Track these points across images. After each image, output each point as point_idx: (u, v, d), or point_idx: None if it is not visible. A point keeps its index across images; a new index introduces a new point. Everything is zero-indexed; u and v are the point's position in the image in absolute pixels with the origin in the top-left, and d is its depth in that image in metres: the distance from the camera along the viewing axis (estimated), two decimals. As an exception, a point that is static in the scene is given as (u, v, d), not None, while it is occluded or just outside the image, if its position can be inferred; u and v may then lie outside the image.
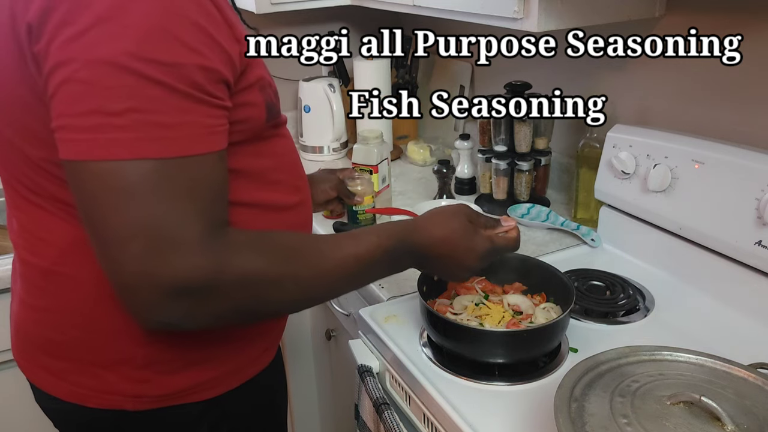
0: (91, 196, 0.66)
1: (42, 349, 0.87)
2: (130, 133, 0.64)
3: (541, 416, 0.87)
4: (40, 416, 1.62)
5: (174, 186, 0.66)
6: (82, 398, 0.86)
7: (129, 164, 0.64)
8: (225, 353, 0.88)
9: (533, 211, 1.49)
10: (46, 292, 0.84)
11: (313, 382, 1.89)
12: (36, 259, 0.83)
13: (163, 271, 0.66)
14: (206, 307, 0.71)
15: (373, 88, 1.84)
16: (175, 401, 0.86)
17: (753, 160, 1.04)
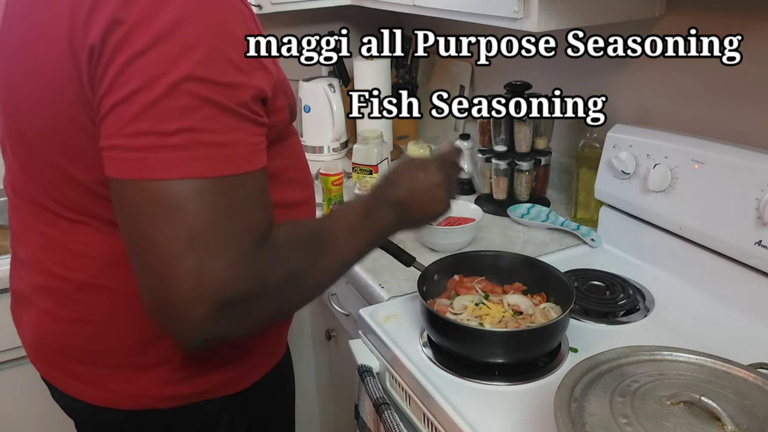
0: (140, 214, 0.66)
1: (74, 358, 0.88)
2: (182, 152, 0.65)
3: (541, 416, 0.87)
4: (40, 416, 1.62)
5: (223, 203, 0.67)
6: (116, 402, 0.88)
7: (180, 183, 0.65)
8: (251, 348, 0.91)
9: (533, 211, 1.49)
10: (82, 304, 0.85)
11: (313, 382, 1.89)
12: (71, 273, 0.84)
13: (214, 285, 0.66)
14: (252, 315, 0.72)
15: (373, 88, 1.84)
16: (205, 397, 0.89)
17: (753, 160, 1.04)
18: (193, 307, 0.66)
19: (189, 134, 0.65)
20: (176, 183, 0.65)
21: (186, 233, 0.65)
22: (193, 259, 0.65)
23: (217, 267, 0.66)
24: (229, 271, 0.67)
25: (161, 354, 0.85)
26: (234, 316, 0.69)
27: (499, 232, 1.45)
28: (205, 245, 0.66)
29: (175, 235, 0.65)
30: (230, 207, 0.68)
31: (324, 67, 2.05)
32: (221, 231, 0.67)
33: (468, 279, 1.11)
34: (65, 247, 0.84)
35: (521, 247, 1.36)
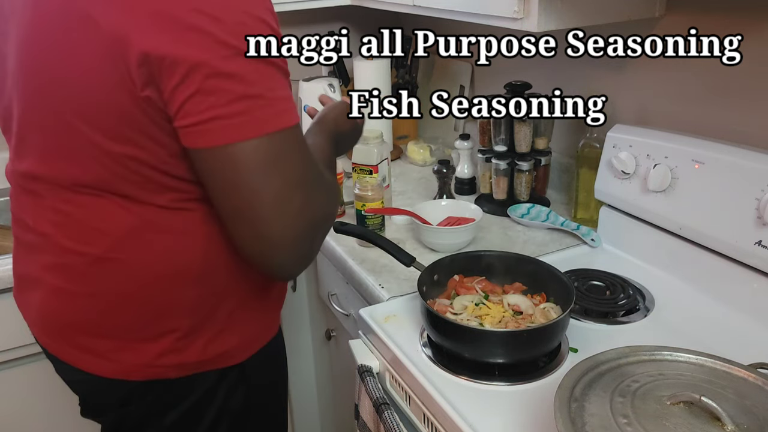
0: (248, 171, 0.76)
1: (85, 332, 0.92)
2: (271, 108, 0.77)
3: (541, 416, 0.87)
4: (40, 416, 1.62)
5: (304, 148, 0.82)
6: (125, 373, 0.93)
7: (277, 135, 0.77)
8: (250, 320, 0.99)
9: (533, 211, 1.49)
10: (96, 278, 0.89)
11: (313, 382, 1.89)
12: (86, 247, 0.88)
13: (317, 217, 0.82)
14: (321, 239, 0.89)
15: (373, 88, 1.84)
16: (206, 367, 0.95)
17: (753, 160, 1.04)
18: (299, 242, 0.80)
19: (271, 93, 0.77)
20: (273, 136, 0.77)
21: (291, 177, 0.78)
22: (299, 198, 0.79)
23: (318, 201, 0.82)
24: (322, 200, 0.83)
25: (169, 324, 0.90)
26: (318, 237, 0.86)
27: (499, 232, 1.45)
28: (307, 183, 0.80)
29: (282, 181, 0.77)
30: (307, 151, 0.83)
31: (324, 67, 2.05)
32: (308, 170, 0.81)
33: (468, 279, 1.11)
34: (82, 222, 0.88)
35: (521, 247, 1.36)
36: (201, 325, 0.93)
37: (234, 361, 0.98)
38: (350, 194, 1.52)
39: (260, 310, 1.01)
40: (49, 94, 0.84)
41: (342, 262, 1.38)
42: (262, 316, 1.02)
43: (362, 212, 1.41)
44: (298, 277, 1.73)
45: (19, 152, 0.93)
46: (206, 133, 0.75)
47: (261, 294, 0.99)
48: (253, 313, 0.99)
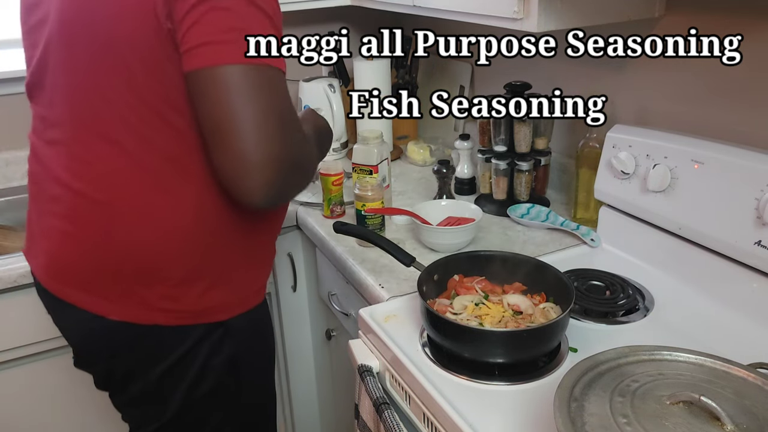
0: (230, 91, 0.85)
1: (89, 273, 1.01)
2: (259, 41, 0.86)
3: (540, 416, 0.87)
4: (40, 416, 1.62)
5: (284, 84, 0.90)
6: (125, 315, 1.01)
7: (260, 67, 0.86)
8: (237, 281, 1.06)
9: (533, 211, 1.49)
10: (101, 223, 0.98)
11: (313, 382, 1.89)
12: (96, 193, 0.98)
13: (288, 146, 0.88)
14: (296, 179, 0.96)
15: (373, 88, 1.84)
16: (197, 320, 1.03)
17: (753, 160, 1.04)
18: (270, 165, 0.86)
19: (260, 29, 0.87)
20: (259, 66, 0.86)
21: (268, 104, 0.86)
22: (273, 125, 0.86)
23: (281, 134, 0.87)
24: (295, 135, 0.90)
25: (160, 271, 0.99)
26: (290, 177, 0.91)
27: (499, 232, 1.45)
28: (280, 114, 0.87)
29: (260, 106, 0.85)
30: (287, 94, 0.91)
31: (324, 67, 2.05)
32: (286, 105, 0.90)
33: (468, 279, 1.11)
34: (94, 168, 0.98)
35: (521, 247, 1.36)
36: (192, 277, 1.01)
37: (220, 317, 1.05)
38: (350, 194, 1.52)
39: (247, 273, 1.09)
40: (85, 37, 0.95)
41: (342, 262, 1.38)
42: (249, 279, 1.10)
43: (362, 212, 1.41)
44: (298, 277, 1.73)
45: (50, 102, 1.03)
46: (198, 56, 0.85)
47: (249, 257, 1.08)
48: (241, 274, 1.07)
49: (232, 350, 1.09)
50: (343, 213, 1.56)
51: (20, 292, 1.45)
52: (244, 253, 1.07)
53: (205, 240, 1.00)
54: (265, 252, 1.15)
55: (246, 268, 1.09)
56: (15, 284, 1.43)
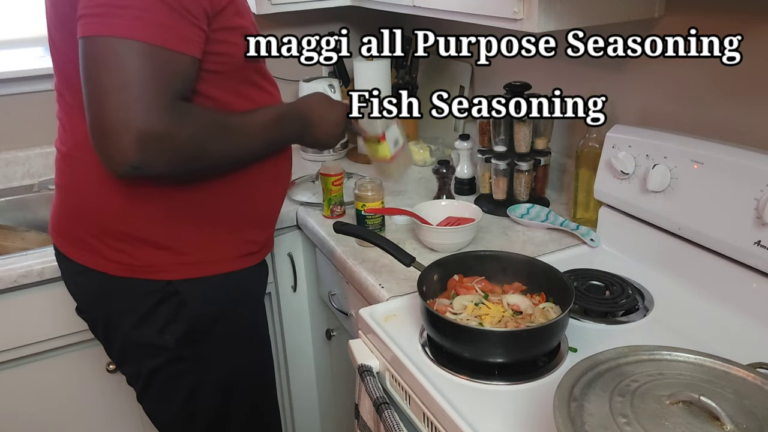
0: (91, 61, 0.90)
1: (60, 221, 1.16)
2: (127, 20, 0.89)
3: (540, 416, 0.87)
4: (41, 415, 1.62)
5: (152, 64, 0.91)
6: (82, 259, 1.13)
7: (122, 41, 0.89)
8: (182, 247, 1.12)
9: (533, 211, 1.49)
10: (63, 172, 1.13)
11: (313, 382, 1.89)
12: (61, 146, 1.12)
13: (135, 119, 0.89)
14: (164, 153, 0.94)
15: (373, 88, 1.83)
16: (142, 274, 1.11)
17: (752, 160, 1.04)
18: (119, 135, 0.89)
19: (134, 10, 0.89)
20: (119, 40, 0.89)
21: (121, 78, 0.89)
22: (122, 97, 0.89)
23: (138, 106, 0.89)
24: (147, 112, 0.90)
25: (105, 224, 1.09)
26: (151, 149, 0.92)
27: (498, 232, 1.45)
28: (132, 89, 0.89)
29: (112, 79, 0.89)
30: (158, 69, 0.91)
31: (324, 67, 2.05)
32: (146, 82, 0.90)
33: (468, 279, 1.11)
34: (63, 126, 1.12)
35: (521, 247, 1.36)
36: (131, 233, 1.09)
37: (167, 275, 1.12)
38: (350, 194, 1.52)
39: (197, 241, 1.13)
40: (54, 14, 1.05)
41: (342, 262, 1.38)
42: (199, 246, 1.13)
43: (362, 212, 1.41)
44: (298, 277, 1.73)
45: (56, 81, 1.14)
46: (79, 26, 0.92)
47: (199, 225, 1.12)
48: (188, 240, 1.12)
49: (189, 317, 1.14)
50: (343, 213, 1.56)
51: (20, 292, 1.46)
52: (192, 221, 1.11)
53: (146, 200, 1.07)
54: (220, 227, 1.15)
55: (195, 237, 1.13)
56: (15, 284, 1.43)
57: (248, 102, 1.11)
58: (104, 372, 1.59)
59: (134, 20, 0.89)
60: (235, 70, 1.07)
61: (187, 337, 1.16)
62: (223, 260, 1.17)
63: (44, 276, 1.45)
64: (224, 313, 1.19)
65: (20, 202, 1.83)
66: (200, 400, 1.22)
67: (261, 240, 1.24)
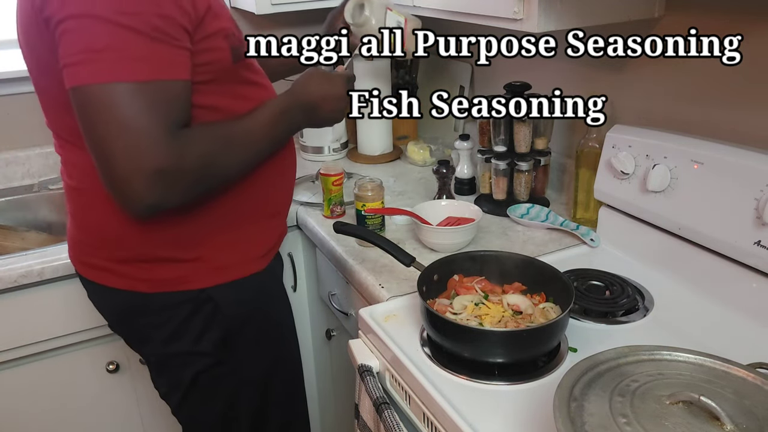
0: (85, 111, 0.89)
1: (79, 248, 1.16)
2: (109, 63, 0.88)
3: (540, 416, 0.87)
4: (41, 415, 1.62)
5: (145, 101, 0.89)
6: (109, 281, 1.13)
7: (110, 86, 0.88)
8: (211, 255, 1.12)
9: (533, 211, 1.49)
10: (75, 203, 1.13)
11: (313, 382, 1.89)
12: (69, 180, 1.12)
13: (141, 162, 0.89)
14: (178, 185, 0.95)
15: (373, 88, 1.84)
16: (174, 287, 1.11)
17: (752, 160, 1.04)
18: (129, 181, 0.89)
19: (112, 51, 0.88)
20: (107, 85, 0.88)
21: (118, 124, 0.88)
22: (124, 142, 0.88)
23: (141, 148, 0.89)
24: (151, 151, 0.90)
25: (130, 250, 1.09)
26: (164, 186, 0.92)
27: (498, 232, 1.45)
28: (132, 132, 0.88)
29: (107, 125, 0.88)
30: (152, 104, 0.90)
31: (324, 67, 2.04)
32: (144, 121, 0.89)
33: (468, 279, 1.11)
34: (66, 161, 1.12)
35: (521, 247, 1.36)
36: (155, 252, 1.09)
37: (197, 284, 1.12)
38: (350, 194, 1.52)
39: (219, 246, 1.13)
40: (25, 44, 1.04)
41: (342, 262, 1.38)
42: (223, 251, 1.14)
43: (362, 212, 1.41)
44: (298, 277, 1.73)
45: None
46: (65, 77, 0.90)
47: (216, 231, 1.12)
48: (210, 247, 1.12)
49: (224, 322, 1.16)
50: (343, 213, 1.56)
51: (20, 292, 1.45)
52: (216, 229, 1.12)
53: (166, 222, 1.06)
54: (241, 226, 1.15)
55: (220, 243, 1.13)
56: (15, 284, 1.43)
57: (247, 101, 1.10)
58: (104, 372, 1.59)
59: (116, 62, 0.88)
60: (225, 73, 1.05)
61: (224, 341, 1.17)
62: (249, 261, 1.18)
63: (44, 276, 1.45)
64: (254, 314, 1.20)
65: (20, 202, 1.83)
66: (241, 403, 1.24)
67: (279, 230, 1.26)
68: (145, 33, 0.89)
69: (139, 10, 0.89)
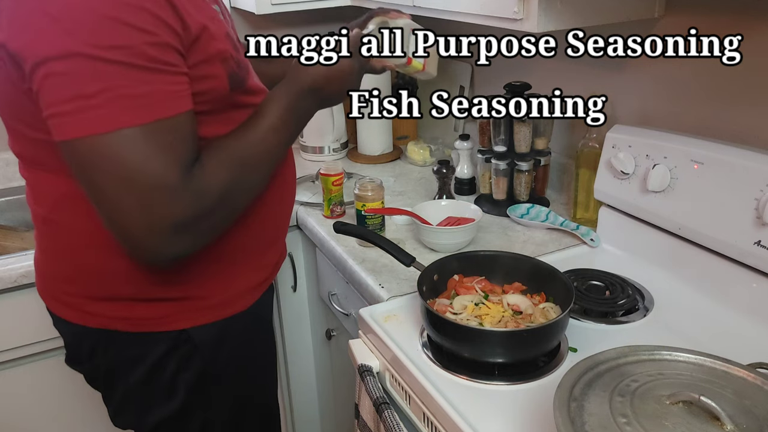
0: (85, 167, 0.79)
1: (51, 283, 1.04)
2: (105, 109, 0.76)
3: (540, 416, 0.87)
4: (41, 415, 1.62)
5: (152, 145, 0.79)
6: (83, 320, 1.02)
7: (110, 135, 0.77)
8: (197, 293, 1.02)
9: (533, 211, 1.49)
10: (46, 235, 1.01)
11: (313, 382, 1.89)
12: (38, 208, 0.99)
13: (159, 215, 0.80)
14: (202, 229, 0.87)
15: (373, 88, 1.84)
16: (154, 327, 1.01)
17: (752, 160, 1.04)
18: (148, 237, 0.80)
19: (107, 93, 0.76)
20: (107, 136, 0.77)
21: (124, 176, 0.78)
22: (134, 197, 0.78)
23: (156, 200, 0.79)
24: (168, 201, 0.80)
25: (109, 288, 0.98)
26: (188, 235, 0.84)
27: (498, 232, 1.45)
28: (142, 185, 0.78)
29: (114, 182, 0.78)
30: (160, 147, 0.79)
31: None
32: (154, 168, 0.79)
33: (468, 279, 1.11)
34: (33, 187, 0.99)
35: (521, 247, 1.36)
36: (141, 291, 0.98)
37: (180, 325, 1.01)
38: (350, 194, 1.53)
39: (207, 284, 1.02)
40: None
41: (342, 262, 1.38)
42: (210, 289, 1.03)
43: (362, 212, 1.41)
44: (298, 277, 1.73)
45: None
46: (52, 128, 0.79)
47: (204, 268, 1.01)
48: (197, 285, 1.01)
49: (201, 364, 1.05)
50: (343, 213, 1.56)
51: (20, 292, 1.45)
52: (209, 264, 1.01)
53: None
54: (236, 258, 1.05)
55: (213, 278, 1.03)
56: (15, 284, 1.43)
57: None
58: (104, 372, 1.59)
59: (112, 105, 0.76)
60: (222, 102, 0.94)
61: (198, 384, 1.07)
62: (240, 295, 1.08)
63: (44, 276, 1.45)
64: (234, 354, 1.10)
65: (20, 202, 1.83)
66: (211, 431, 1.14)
67: (276, 257, 1.16)
68: (140, 66, 0.78)
69: (129, 42, 0.77)
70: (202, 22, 0.85)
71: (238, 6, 1.95)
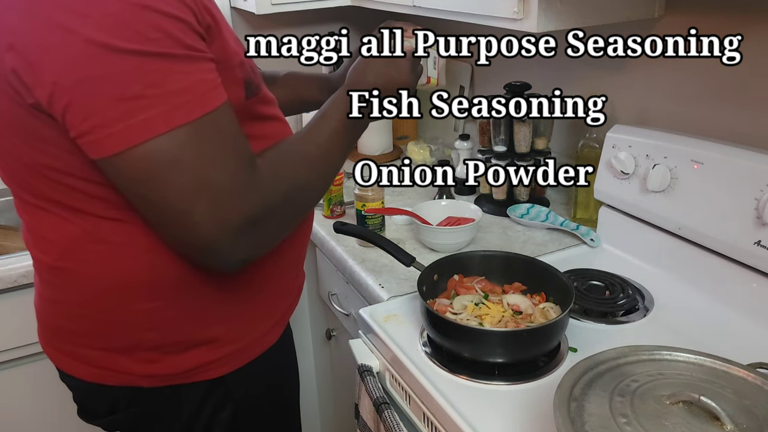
0: (143, 179, 0.71)
1: (61, 337, 0.94)
2: (156, 108, 0.69)
3: (540, 416, 0.87)
4: (41, 416, 1.62)
5: (210, 142, 0.73)
6: (101, 378, 0.92)
7: (167, 137, 0.69)
8: (227, 334, 0.94)
9: (533, 211, 1.49)
10: (54, 285, 0.90)
11: (313, 382, 1.89)
12: (43, 256, 0.89)
13: (232, 215, 0.74)
14: (270, 228, 0.82)
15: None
16: (183, 380, 0.93)
17: (752, 160, 1.04)
18: (221, 238, 0.74)
19: (153, 89, 0.68)
20: (164, 138, 0.69)
21: (189, 182, 0.71)
22: (204, 202, 0.72)
23: (222, 200, 0.73)
24: (235, 199, 0.74)
25: (129, 338, 0.89)
26: (256, 232, 0.78)
27: (498, 232, 1.45)
28: (210, 186, 0.72)
29: (180, 187, 0.71)
30: (215, 143, 0.73)
31: (324, 67, 2.04)
32: (216, 168, 0.73)
33: (468, 279, 1.11)
34: (36, 232, 0.89)
35: (521, 247, 1.36)
36: (165, 338, 0.89)
37: (211, 374, 0.94)
38: (350, 194, 1.52)
39: (245, 320, 0.95)
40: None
41: (342, 262, 1.38)
42: (247, 326, 0.96)
43: (362, 212, 1.41)
44: (298, 277, 1.73)
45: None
46: (92, 146, 0.70)
47: (231, 308, 0.93)
48: (236, 324, 0.94)
49: (236, 404, 0.99)
50: (343, 213, 1.56)
51: (20, 292, 1.46)
52: (236, 300, 0.93)
53: (168, 298, 0.87)
54: (262, 291, 0.98)
55: (240, 316, 0.95)
56: (15, 284, 1.44)
57: (262, 140, 0.88)
58: (104, 372, 1.59)
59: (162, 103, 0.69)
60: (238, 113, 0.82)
61: (233, 423, 1.00)
62: (267, 331, 1.00)
63: (44, 276, 1.45)
64: (265, 392, 1.04)
65: (20, 202, 1.83)
66: None
67: (301, 279, 1.10)
68: (180, 56, 0.70)
69: (166, 32, 0.69)
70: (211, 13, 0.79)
71: (238, 6, 1.95)
